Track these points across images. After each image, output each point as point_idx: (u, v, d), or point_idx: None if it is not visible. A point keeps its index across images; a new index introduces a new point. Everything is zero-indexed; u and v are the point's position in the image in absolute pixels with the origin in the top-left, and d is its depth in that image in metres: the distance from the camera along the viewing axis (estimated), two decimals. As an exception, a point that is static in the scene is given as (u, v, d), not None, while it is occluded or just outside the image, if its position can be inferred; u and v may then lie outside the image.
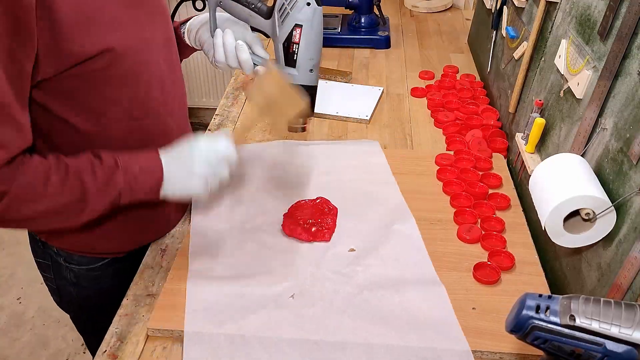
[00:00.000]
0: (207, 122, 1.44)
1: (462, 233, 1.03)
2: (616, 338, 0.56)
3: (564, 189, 0.82)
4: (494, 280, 0.93)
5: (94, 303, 1.06)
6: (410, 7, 2.05)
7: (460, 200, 1.11)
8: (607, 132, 0.85)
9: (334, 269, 0.96)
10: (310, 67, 0.88)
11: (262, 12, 0.89)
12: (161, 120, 0.93)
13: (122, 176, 0.80)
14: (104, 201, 0.80)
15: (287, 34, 0.85)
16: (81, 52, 0.75)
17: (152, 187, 0.83)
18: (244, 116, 1.40)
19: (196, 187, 0.85)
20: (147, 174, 0.83)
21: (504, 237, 1.02)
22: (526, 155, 1.09)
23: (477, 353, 0.83)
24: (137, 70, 0.84)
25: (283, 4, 0.85)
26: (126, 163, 0.81)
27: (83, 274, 1.01)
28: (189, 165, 0.84)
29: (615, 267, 0.80)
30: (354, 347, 0.83)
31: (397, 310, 0.88)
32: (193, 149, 0.84)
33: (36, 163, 0.76)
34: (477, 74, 1.60)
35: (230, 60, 0.92)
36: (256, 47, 0.93)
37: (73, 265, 1.00)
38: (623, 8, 0.81)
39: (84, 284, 1.03)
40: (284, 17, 0.85)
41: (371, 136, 1.34)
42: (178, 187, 0.85)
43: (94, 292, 1.04)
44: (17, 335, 2.03)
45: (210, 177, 0.85)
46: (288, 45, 0.86)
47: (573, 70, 0.95)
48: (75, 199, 0.78)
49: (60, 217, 0.80)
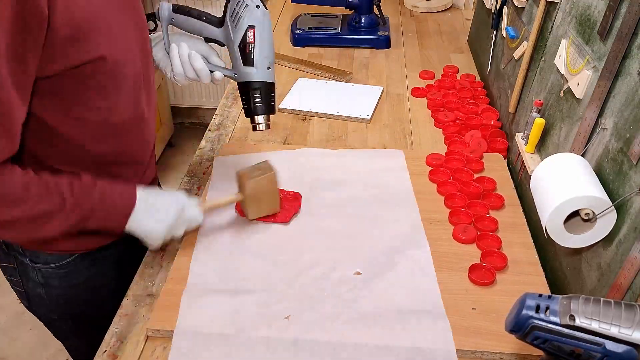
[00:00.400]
0: (207, 122, 1.45)
1: (457, 234, 1.03)
2: (616, 338, 0.56)
3: (565, 190, 0.82)
4: (489, 281, 0.93)
5: (65, 302, 1.04)
6: (410, 7, 2.05)
7: (455, 200, 1.11)
8: (607, 132, 0.85)
9: (337, 292, 0.92)
10: (268, 65, 0.94)
11: (213, 22, 0.96)
12: (138, 129, 0.95)
13: (98, 194, 0.85)
14: (76, 214, 0.83)
15: (242, 35, 0.92)
16: (73, 60, 0.76)
17: (122, 212, 0.87)
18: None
19: (157, 233, 0.91)
20: (121, 198, 0.87)
21: (499, 237, 1.02)
22: (526, 156, 1.09)
23: (477, 353, 0.83)
24: (120, 79, 0.85)
25: (234, 9, 0.92)
26: (103, 184, 0.86)
27: (51, 272, 0.99)
28: (163, 212, 0.90)
29: (615, 267, 0.80)
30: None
31: (397, 339, 0.84)
32: (173, 201, 0.92)
33: (19, 172, 0.79)
34: (477, 74, 1.60)
35: (188, 71, 0.96)
36: (211, 56, 0.99)
37: (40, 265, 0.98)
38: (623, 8, 0.81)
39: (53, 283, 1.00)
40: (237, 21, 0.92)
41: (371, 136, 1.34)
42: (144, 223, 0.89)
43: (63, 291, 1.02)
44: (17, 335, 2.03)
45: (171, 231, 0.92)
46: (244, 47, 0.92)
47: (573, 70, 0.95)
48: (51, 209, 0.81)
49: (32, 226, 0.81)
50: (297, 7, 1.92)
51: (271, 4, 2.12)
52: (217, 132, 1.36)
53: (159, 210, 0.90)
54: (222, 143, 1.31)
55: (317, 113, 1.41)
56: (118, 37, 0.82)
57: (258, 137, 1.31)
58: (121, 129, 0.91)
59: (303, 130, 1.36)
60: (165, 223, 0.90)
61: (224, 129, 1.37)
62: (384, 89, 1.53)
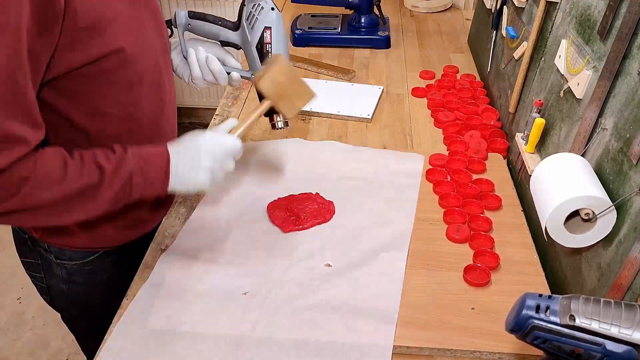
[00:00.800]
0: (207, 122, 1.44)
1: (450, 233, 1.03)
2: (616, 338, 0.56)
3: (565, 189, 0.82)
4: (485, 282, 0.93)
5: (86, 299, 1.06)
6: (410, 7, 2.05)
7: (449, 200, 1.12)
8: (607, 132, 0.85)
9: (299, 279, 0.94)
10: None
11: (229, 25, 1.00)
12: (158, 123, 0.94)
13: (132, 159, 0.81)
14: (117, 184, 0.79)
15: (259, 36, 0.96)
16: (94, 52, 0.76)
17: (160, 175, 0.83)
18: (247, 112, 1.40)
19: (202, 180, 0.85)
20: (155, 159, 0.83)
21: (492, 237, 1.02)
22: (526, 155, 1.08)
23: (476, 353, 0.83)
24: (141, 72, 0.85)
25: (250, 12, 0.96)
26: (134, 150, 0.82)
27: (76, 269, 1.00)
28: (196, 158, 0.84)
29: (615, 267, 0.80)
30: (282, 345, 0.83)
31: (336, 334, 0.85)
32: (200, 142, 0.85)
33: (51, 151, 0.77)
34: (477, 74, 1.60)
35: (206, 74, 0.99)
36: (227, 58, 1.01)
37: (65, 262, 0.99)
38: (623, 8, 0.81)
39: (77, 280, 1.02)
40: (253, 23, 0.96)
41: (371, 136, 1.34)
42: (185, 178, 0.84)
43: (86, 288, 1.04)
44: (17, 335, 2.03)
45: (216, 170, 0.85)
46: (261, 47, 0.97)
47: (573, 70, 0.95)
48: (92, 182, 0.78)
49: (77, 203, 0.78)
50: (297, 7, 1.92)
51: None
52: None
53: (193, 157, 0.84)
54: (222, 143, 1.31)
55: (318, 113, 1.41)
56: (136, 30, 0.82)
57: (258, 137, 1.31)
58: (145, 123, 0.91)
59: (303, 130, 1.36)
60: (205, 168, 0.84)
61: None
62: (384, 89, 1.53)
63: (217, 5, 2.60)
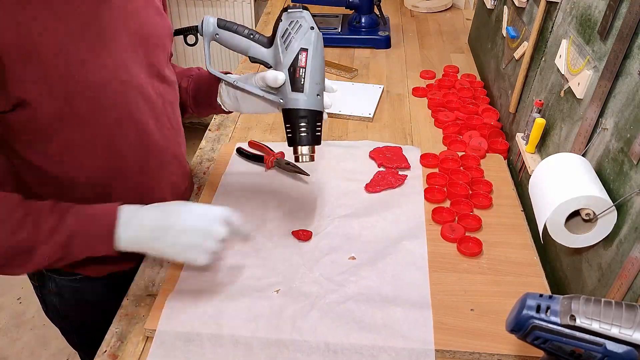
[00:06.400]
0: (207, 122, 1.44)
1: (445, 233, 1.03)
2: (616, 338, 0.56)
3: (566, 189, 0.82)
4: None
5: (76, 315, 1.03)
6: (411, 7, 2.05)
7: (436, 195, 1.13)
8: (607, 132, 0.85)
9: (328, 274, 0.95)
10: (317, 92, 0.86)
11: (261, 41, 0.88)
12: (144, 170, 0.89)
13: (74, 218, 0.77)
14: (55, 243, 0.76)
15: (293, 58, 0.84)
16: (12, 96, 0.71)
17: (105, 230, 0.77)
18: (246, 117, 1.40)
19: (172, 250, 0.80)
20: (100, 216, 0.78)
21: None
22: (526, 156, 1.08)
23: (475, 354, 0.83)
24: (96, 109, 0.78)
25: (286, 29, 0.84)
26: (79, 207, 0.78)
27: (65, 284, 0.98)
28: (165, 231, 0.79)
29: (615, 268, 0.80)
30: (313, 348, 0.83)
31: (376, 325, 0.86)
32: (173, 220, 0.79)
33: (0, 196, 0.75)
34: (477, 74, 1.59)
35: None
36: (252, 77, 0.91)
37: (55, 275, 0.97)
38: (623, 8, 0.81)
39: (65, 295, 1.00)
40: (288, 42, 0.84)
41: (372, 136, 1.33)
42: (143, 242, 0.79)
43: (75, 304, 1.01)
44: (17, 335, 2.03)
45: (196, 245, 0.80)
46: (294, 71, 0.84)
47: (573, 70, 0.95)
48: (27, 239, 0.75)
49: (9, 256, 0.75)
50: (298, 7, 1.91)
51: (271, 3, 2.12)
52: (217, 132, 1.36)
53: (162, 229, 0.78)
54: (222, 143, 1.31)
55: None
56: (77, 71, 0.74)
57: (258, 137, 1.31)
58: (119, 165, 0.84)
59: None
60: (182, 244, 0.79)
61: (224, 129, 1.37)
62: (385, 89, 1.53)
63: (226, 6, 2.56)
